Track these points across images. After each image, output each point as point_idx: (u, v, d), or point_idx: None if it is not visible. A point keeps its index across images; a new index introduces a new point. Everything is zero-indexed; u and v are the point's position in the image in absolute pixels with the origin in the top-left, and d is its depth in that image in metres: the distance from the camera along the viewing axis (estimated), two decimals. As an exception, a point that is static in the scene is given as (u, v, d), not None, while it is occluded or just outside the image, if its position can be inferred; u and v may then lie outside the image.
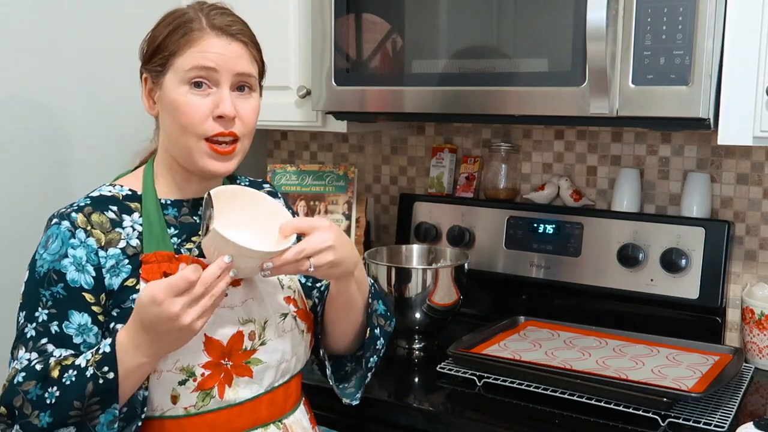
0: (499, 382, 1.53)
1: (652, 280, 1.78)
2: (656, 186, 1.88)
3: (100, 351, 1.11)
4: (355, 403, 1.40)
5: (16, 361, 1.14)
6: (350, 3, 1.71)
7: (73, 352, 1.14)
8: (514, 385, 1.51)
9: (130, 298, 1.18)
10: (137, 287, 1.19)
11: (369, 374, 1.40)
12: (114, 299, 1.18)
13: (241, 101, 1.25)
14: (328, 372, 1.40)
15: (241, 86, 1.25)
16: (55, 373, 1.10)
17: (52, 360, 1.12)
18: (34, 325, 1.15)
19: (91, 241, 1.18)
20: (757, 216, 1.78)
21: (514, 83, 1.54)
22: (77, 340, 1.15)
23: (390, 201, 2.26)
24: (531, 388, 1.49)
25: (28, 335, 1.15)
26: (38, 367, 1.11)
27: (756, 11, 1.39)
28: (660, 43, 1.40)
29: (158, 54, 1.23)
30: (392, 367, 1.75)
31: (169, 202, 1.28)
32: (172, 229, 1.26)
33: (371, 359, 1.38)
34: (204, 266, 1.10)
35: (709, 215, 1.79)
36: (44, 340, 1.14)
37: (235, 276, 1.12)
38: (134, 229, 1.23)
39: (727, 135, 1.44)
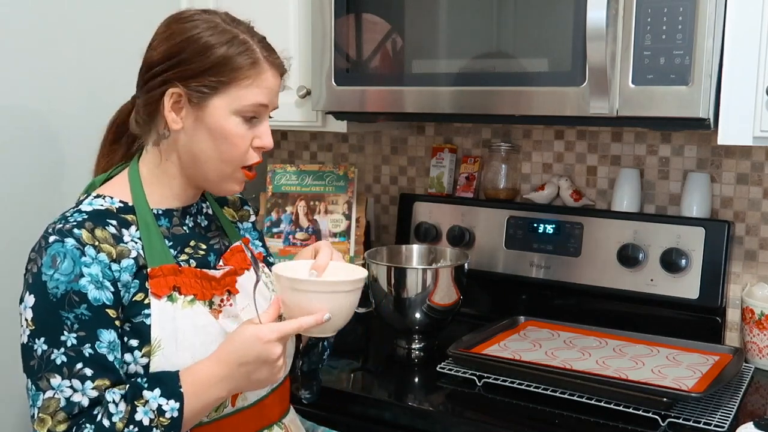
0: (499, 382, 1.53)
1: (652, 280, 1.78)
2: (656, 186, 1.88)
3: (167, 415, 1.10)
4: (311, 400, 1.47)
5: (53, 391, 1.09)
6: (350, 3, 1.71)
7: (121, 392, 1.12)
8: (514, 385, 1.51)
9: (142, 312, 1.16)
10: (146, 301, 1.17)
11: (313, 381, 1.45)
12: (125, 314, 1.16)
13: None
14: (300, 363, 1.43)
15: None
16: (120, 426, 1.09)
17: (114, 411, 1.10)
18: (62, 350, 1.10)
19: (103, 256, 1.14)
20: (757, 216, 1.78)
21: (515, 83, 1.54)
22: (110, 357, 1.13)
23: (390, 201, 2.26)
24: (531, 388, 1.49)
25: (58, 361, 1.10)
26: (106, 423, 1.09)
27: (756, 11, 1.39)
28: (660, 43, 1.40)
29: (209, 76, 1.17)
30: (392, 367, 1.75)
31: (160, 212, 1.26)
32: (167, 241, 1.24)
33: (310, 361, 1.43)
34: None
35: (709, 215, 1.79)
36: (80, 365, 1.10)
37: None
38: (135, 243, 1.20)
39: (727, 135, 1.44)
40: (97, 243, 1.15)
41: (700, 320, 1.75)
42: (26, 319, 1.13)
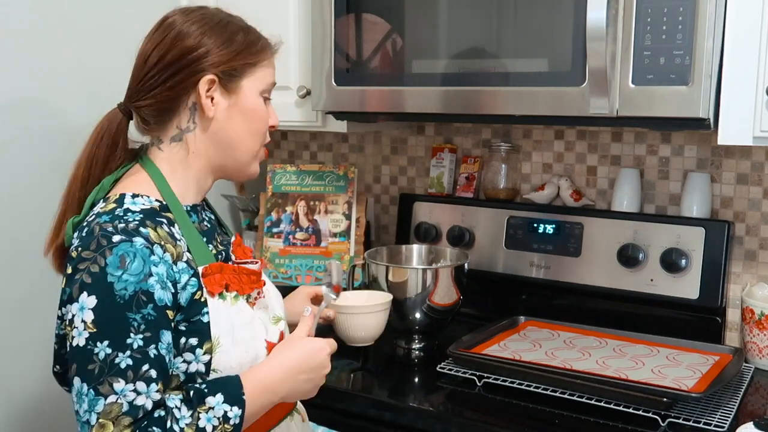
0: (499, 382, 1.53)
1: (652, 280, 1.78)
2: (656, 186, 1.88)
3: (231, 422, 1.12)
4: None
5: (116, 396, 1.07)
6: (350, 3, 1.71)
7: (180, 397, 1.13)
8: (514, 385, 1.51)
9: (201, 311, 1.16)
10: (202, 300, 1.17)
11: None
12: (184, 314, 1.16)
13: None
14: None
15: None
16: None
17: (179, 416, 1.10)
18: (128, 353, 1.08)
19: (168, 256, 1.14)
20: (757, 216, 1.78)
21: (515, 83, 1.54)
22: (167, 359, 1.13)
23: (390, 201, 2.26)
24: (531, 388, 1.49)
25: (123, 365, 1.07)
26: (176, 428, 1.09)
27: (756, 11, 1.39)
28: (660, 43, 1.40)
29: (240, 58, 1.24)
30: (392, 367, 1.75)
31: (188, 208, 1.26)
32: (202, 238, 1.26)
33: None
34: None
35: (709, 215, 1.79)
36: (146, 366, 1.09)
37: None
38: (183, 242, 1.20)
39: (727, 135, 1.44)
40: (162, 242, 1.15)
41: (700, 320, 1.75)
42: (84, 321, 1.09)
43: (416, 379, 1.67)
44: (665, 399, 1.37)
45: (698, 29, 1.37)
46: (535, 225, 1.92)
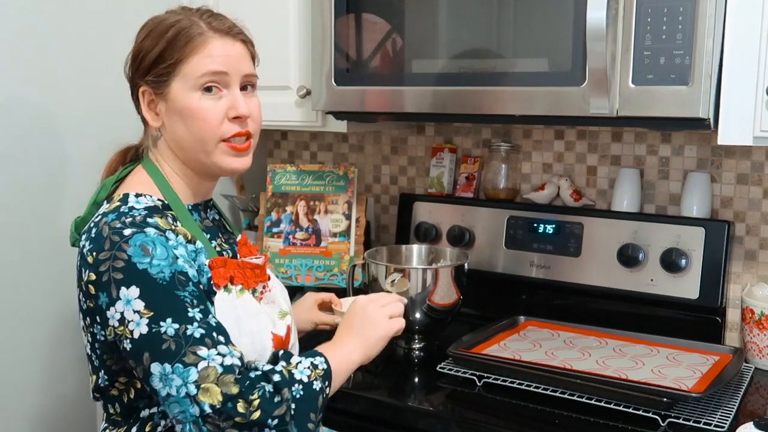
0: (499, 382, 1.53)
1: (652, 280, 1.78)
2: (656, 186, 1.88)
3: (320, 367, 1.18)
4: None
5: (205, 361, 1.09)
6: (350, 3, 1.71)
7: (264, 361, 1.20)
8: (514, 385, 1.51)
9: (211, 299, 1.20)
10: (213, 288, 1.21)
11: None
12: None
13: (248, 100, 1.27)
14: None
15: (244, 86, 1.28)
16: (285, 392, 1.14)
17: (278, 370, 1.15)
18: (195, 325, 1.11)
19: (181, 238, 1.18)
20: (757, 216, 1.78)
21: (514, 83, 1.54)
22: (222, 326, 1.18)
23: (390, 201, 2.26)
24: (531, 388, 1.49)
25: (197, 335, 1.10)
26: (276, 378, 1.13)
27: (756, 11, 1.39)
28: (660, 43, 1.40)
29: (159, 65, 1.22)
30: (392, 367, 1.75)
31: (189, 207, 1.29)
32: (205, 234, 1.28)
33: None
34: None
35: (709, 215, 1.79)
36: (215, 334, 1.12)
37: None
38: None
39: (727, 135, 1.44)
40: (172, 228, 1.18)
41: (700, 320, 1.75)
42: (136, 311, 1.11)
43: (416, 379, 1.67)
44: (665, 399, 1.37)
45: (698, 29, 1.37)
46: (535, 225, 1.92)
